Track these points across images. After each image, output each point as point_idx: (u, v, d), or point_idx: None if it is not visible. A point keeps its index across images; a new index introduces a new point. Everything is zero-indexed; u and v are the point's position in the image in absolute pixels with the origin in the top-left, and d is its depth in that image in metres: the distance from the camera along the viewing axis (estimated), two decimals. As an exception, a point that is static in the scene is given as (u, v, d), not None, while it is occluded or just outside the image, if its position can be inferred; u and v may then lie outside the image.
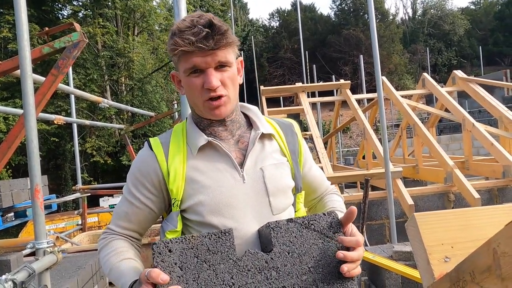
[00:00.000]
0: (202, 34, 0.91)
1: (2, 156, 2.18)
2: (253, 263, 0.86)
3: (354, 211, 0.91)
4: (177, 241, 0.83)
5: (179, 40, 0.93)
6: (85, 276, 3.18)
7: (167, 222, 1.04)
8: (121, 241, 1.05)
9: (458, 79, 6.75)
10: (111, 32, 16.16)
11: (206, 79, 0.95)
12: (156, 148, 1.03)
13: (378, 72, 4.22)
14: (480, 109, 13.14)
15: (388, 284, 3.32)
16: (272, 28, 39.61)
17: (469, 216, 0.74)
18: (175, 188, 0.99)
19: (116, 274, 0.95)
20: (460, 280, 0.57)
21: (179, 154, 1.01)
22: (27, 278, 1.72)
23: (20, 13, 1.95)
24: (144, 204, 1.03)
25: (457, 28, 35.34)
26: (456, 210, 0.75)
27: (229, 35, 0.95)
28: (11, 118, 12.56)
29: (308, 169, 1.17)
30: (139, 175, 1.03)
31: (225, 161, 1.02)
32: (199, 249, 0.84)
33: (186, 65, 0.96)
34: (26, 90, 1.98)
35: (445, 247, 0.70)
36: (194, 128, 1.05)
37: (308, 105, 6.58)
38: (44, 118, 4.12)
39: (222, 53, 0.95)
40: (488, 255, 0.50)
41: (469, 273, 0.54)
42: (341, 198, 1.23)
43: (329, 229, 0.91)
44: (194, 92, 0.99)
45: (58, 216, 8.31)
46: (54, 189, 14.38)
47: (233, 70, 1.00)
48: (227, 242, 0.86)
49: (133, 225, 1.06)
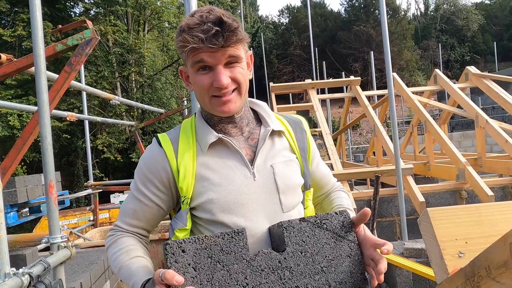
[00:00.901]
0: (212, 31, 0.88)
1: (18, 153, 2.22)
2: (267, 263, 0.86)
3: (368, 213, 0.90)
4: (190, 241, 0.82)
5: (188, 37, 0.90)
6: (98, 271, 3.23)
7: (176, 220, 1.03)
8: (130, 239, 1.03)
9: (472, 75, 6.64)
10: (121, 30, 16.29)
11: (215, 77, 0.93)
12: (166, 144, 1.01)
13: (389, 69, 4.18)
14: (494, 106, 12.91)
15: (399, 281, 3.30)
16: (281, 24, 39.47)
17: (482, 212, 0.74)
18: (185, 186, 0.97)
19: (127, 273, 0.94)
20: (475, 275, 0.57)
21: (189, 151, 0.99)
22: (43, 272, 1.75)
23: (35, 12, 1.98)
24: (152, 202, 1.01)
25: (470, 23, 34.71)
26: (469, 205, 0.74)
27: (240, 32, 0.92)
28: (24, 115, 12.77)
29: (316, 166, 1.16)
30: (147, 172, 1.01)
31: (236, 158, 1.00)
32: (213, 249, 0.83)
33: (194, 59, 0.93)
34: (40, 87, 2.01)
35: (458, 242, 0.70)
36: (203, 125, 1.03)
37: (317, 102, 6.55)
38: (57, 115, 4.18)
39: (232, 49, 0.93)
40: (504, 250, 0.49)
41: (485, 268, 0.54)
42: (347, 195, 1.22)
43: (341, 229, 0.91)
44: (202, 89, 0.96)
45: (70, 212, 8.46)
46: (67, 186, 14.59)
47: (243, 66, 0.97)
48: (240, 242, 0.85)
49: (141, 223, 1.05)
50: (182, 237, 0.99)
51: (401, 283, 3.30)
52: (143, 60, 16.63)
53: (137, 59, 16.74)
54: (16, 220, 3.34)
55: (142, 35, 17.20)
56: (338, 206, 1.15)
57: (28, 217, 3.57)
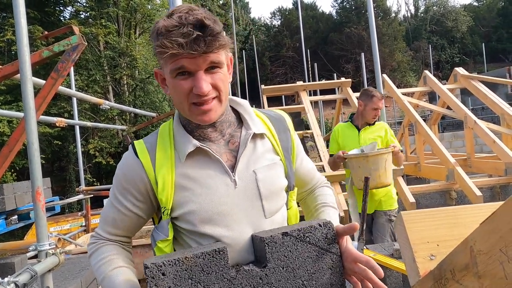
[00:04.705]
0: (193, 36, 0.82)
1: (4, 160, 2.21)
2: (248, 280, 0.85)
3: (356, 228, 0.88)
4: (170, 263, 0.81)
5: (166, 42, 0.83)
6: (89, 278, 3.20)
7: (157, 231, 1.00)
8: (111, 247, 1.02)
9: (460, 76, 6.72)
10: (113, 32, 16.21)
11: (196, 84, 0.88)
12: (142, 154, 0.97)
13: (378, 70, 4.23)
14: (483, 106, 13.07)
15: (389, 282, 3.32)
16: (273, 27, 39.60)
17: (457, 214, 0.75)
18: (165, 197, 0.94)
19: (110, 284, 0.93)
20: (442, 277, 0.59)
21: (166, 161, 0.95)
22: (30, 280, 1.74)
23: (20, 19, 1.98)
24: (130, 211, 0.99)
25: (459, 25, 35.13)
26: (444, 208, 0.76)
27: (222, 37, 0.87)
28: (15, 122, 12.64)
29: (300, 163, 1.14)
30: (124, 182, 0.98)
31: (216, 166, 0.97)
32: (193, 270, 0.82)
33: (173, 66, 0.88)
34: (26, 94, 2.00)
35: (430, 245, 0.71)
36: (181, 131, 0.98)
37: (309, 104, 6.58)
38: (46, 120, 4.16)
39: (214, 56, 0.87)
40: (465, 253, 0.51)
41: (450, 271, 0.56)
42: (331, 191, 1.21)
43: (324, 241, 0.90)
44: (181, 96, 0.91)
45: (63, 218, 8.37)
46: (59, 191, 14.44)
47: (224, 71, 0.93)
48: (221, 261, 0.85)
49: (121, 231, 1.03)
50: (164, 247, 0.98)
51: (391, 284, 3.32)
52: (135, 63, 16.56)
53: (129, 62, 16.67)
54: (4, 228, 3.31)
55: (134, 38, 17.14)
56: (322, 204, 1.14)
57: (17, 225, 3.54)
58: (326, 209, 1.12)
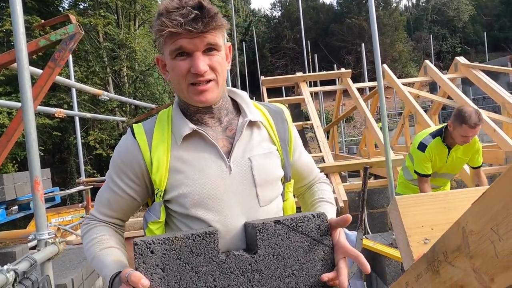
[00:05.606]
0: (191, 16, 0.87)
1: (2, 149, 2.21)
2: (237, 265, 0.85)
3: (349, 220, 0.88)
4: (160, 242, 0.81)
5: (166, 21, 0.88)
6: (89, 268, 3.23)
7: (150, 213, 1.02)
8: (104, 228, 1.03)
9: (461, 65, 6.68)
10: (112, 23, 16.10)
11: (193, 63, 0.91)
12: (139, 136, 0.99)
13: (378, 61, 4.18)
14: (485, 96, 13.02)
15: (388, 271, 3.35)
16: (274, 18, 39.29)
17: (450, 198, 0.75)
18: (158, 178, 0.96)
19: (99, 263, 0.94)
20: (435, 260, 0.59)
21: (163, 143, 0.98)
22: (29, 269, 1.75)
23: (15, 6, 1.96)
24: (126, 193, 1.01)
25: (461, 14, 34.79)
26: (437, 192, 0.75)
27: (219, 18, 0.92)
28: (14, 113, 12.63)
29: (298, 157, 1.14)
30: (121, 163, 1.00)
31: (211, 150, 0.98)
32: (182, 251, 0.82)
33: (172, 47, 0.91)
34: (23, 83, 1.99)
35: (424, 229, 0.71)
36: (179, 115, 1.01)
37: (308, 95, 6.55)
38: (45, 111, 4.15)
39: (211, 36, 0.91)
40: (458, 235, 0.51)
41: (443, 253, 0.55)
42: (330, 187, 1.21)
43: (317, 232, 0.90)
44: (179, 76, 0.94)
45: (64, 209, 8.42)
46: (60, 183, 14.50)
47: (221, 55, 0.96)
48: (211, 244, 0.85)
49: (116, 213, 1.05)
50: (155, 229, 0.99)
51: (390, 273, 3.35)
52: (134, 55, 16.48)
53: (129, 54, 16.59)
54: (5, 218, 3.33)
55: (133, 29, 17.03)
56: (319, 199, 1.14)
57: (17, 214, 3.55)
58: (322, 204, 1.12)
